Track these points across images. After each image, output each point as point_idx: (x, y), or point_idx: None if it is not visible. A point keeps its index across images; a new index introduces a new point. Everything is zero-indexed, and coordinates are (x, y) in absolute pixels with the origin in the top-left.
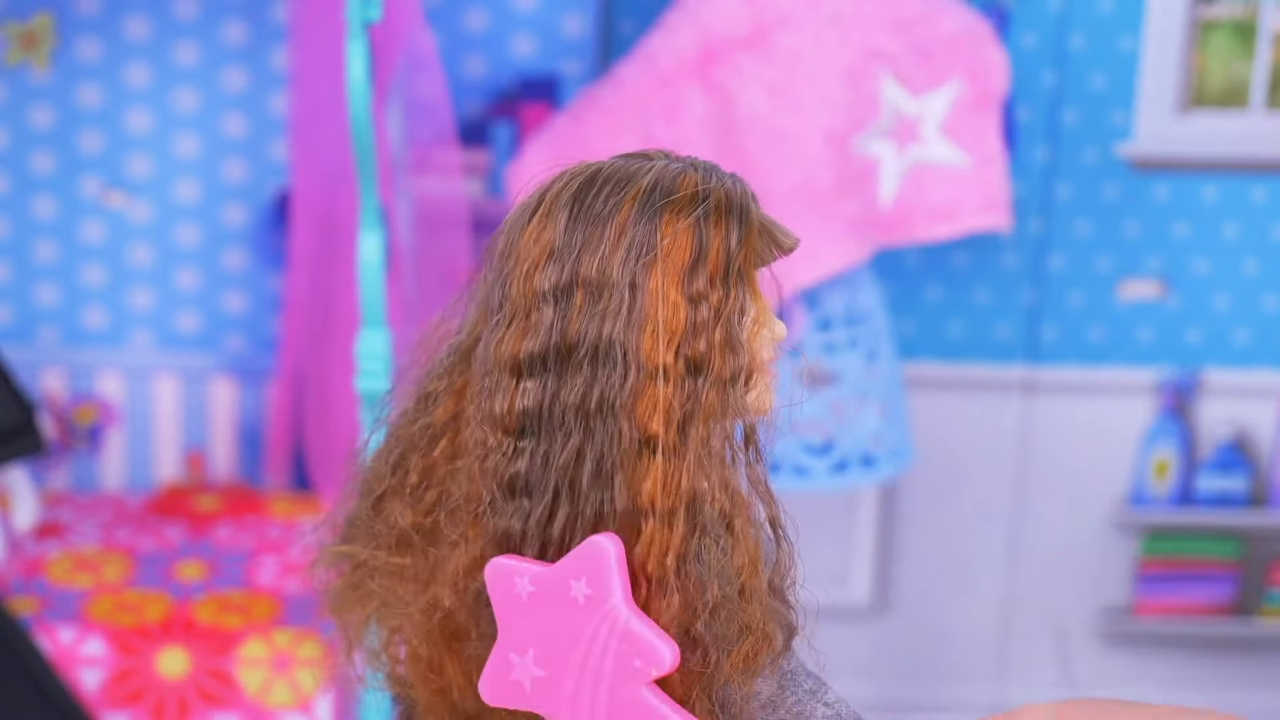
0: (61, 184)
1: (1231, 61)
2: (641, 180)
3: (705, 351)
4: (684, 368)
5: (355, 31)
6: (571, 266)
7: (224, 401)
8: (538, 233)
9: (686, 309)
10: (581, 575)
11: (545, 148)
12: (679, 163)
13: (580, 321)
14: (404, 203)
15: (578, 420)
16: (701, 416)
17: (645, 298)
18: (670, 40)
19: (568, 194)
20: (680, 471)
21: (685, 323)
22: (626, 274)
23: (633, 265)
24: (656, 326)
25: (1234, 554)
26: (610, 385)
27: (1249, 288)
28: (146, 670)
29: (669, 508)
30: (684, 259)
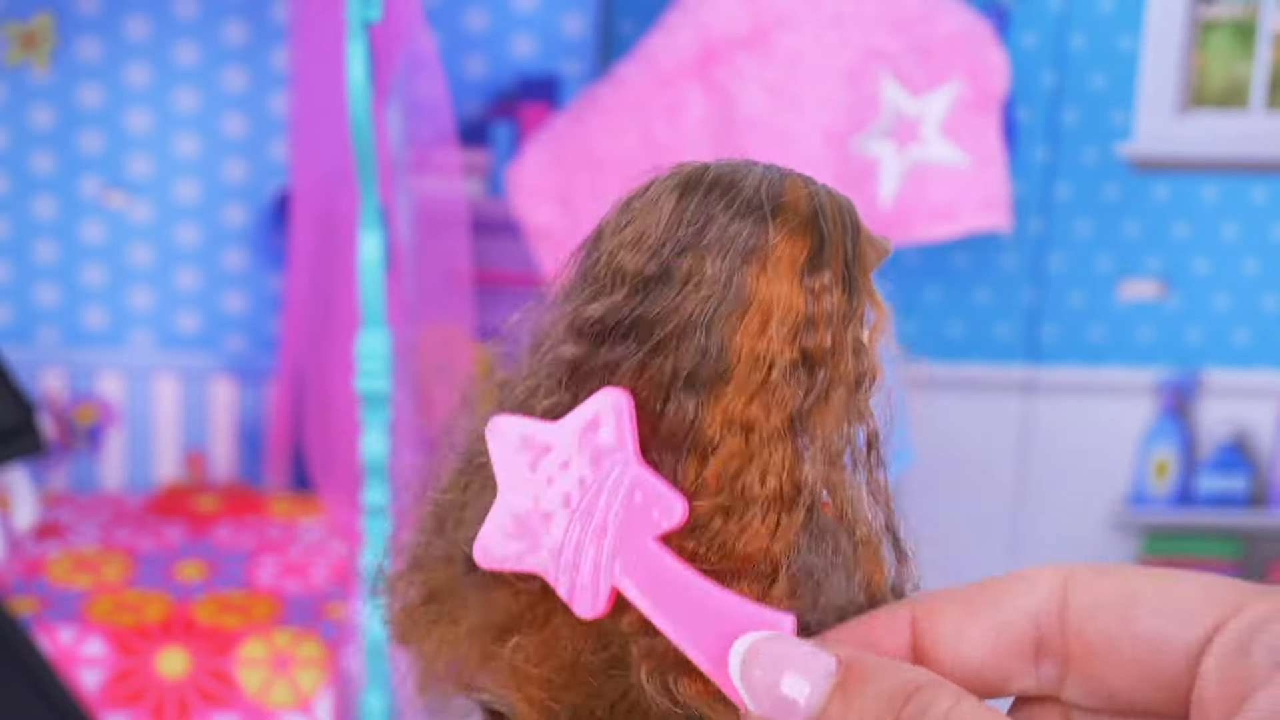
0: (61, 184)
1: (1231, 61)
2: (746, 183)
3: (827, 347)
4: (799, 358)
5: (355, 31)
6: (665, 258)
7: (224, 401)
8: (630, 222)
9: (804, 300)
10: (594, 425)
11: (545, 148)
12: (777, 169)
13: (665, 301)
14: (404, 203)
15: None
16: (819, 413)
17: (752, 284)
18: (670, 40)
19: (669, 188)
20: (785, 461)
21: (802, 313)
22: (727, 267)
23: (736, 262)
24: (767, 312)
25: (1234, 554)
26: (686, 364)
27: (1249, 288)
28: (146, 670)
29: (774, 494)
30: (799, 256)
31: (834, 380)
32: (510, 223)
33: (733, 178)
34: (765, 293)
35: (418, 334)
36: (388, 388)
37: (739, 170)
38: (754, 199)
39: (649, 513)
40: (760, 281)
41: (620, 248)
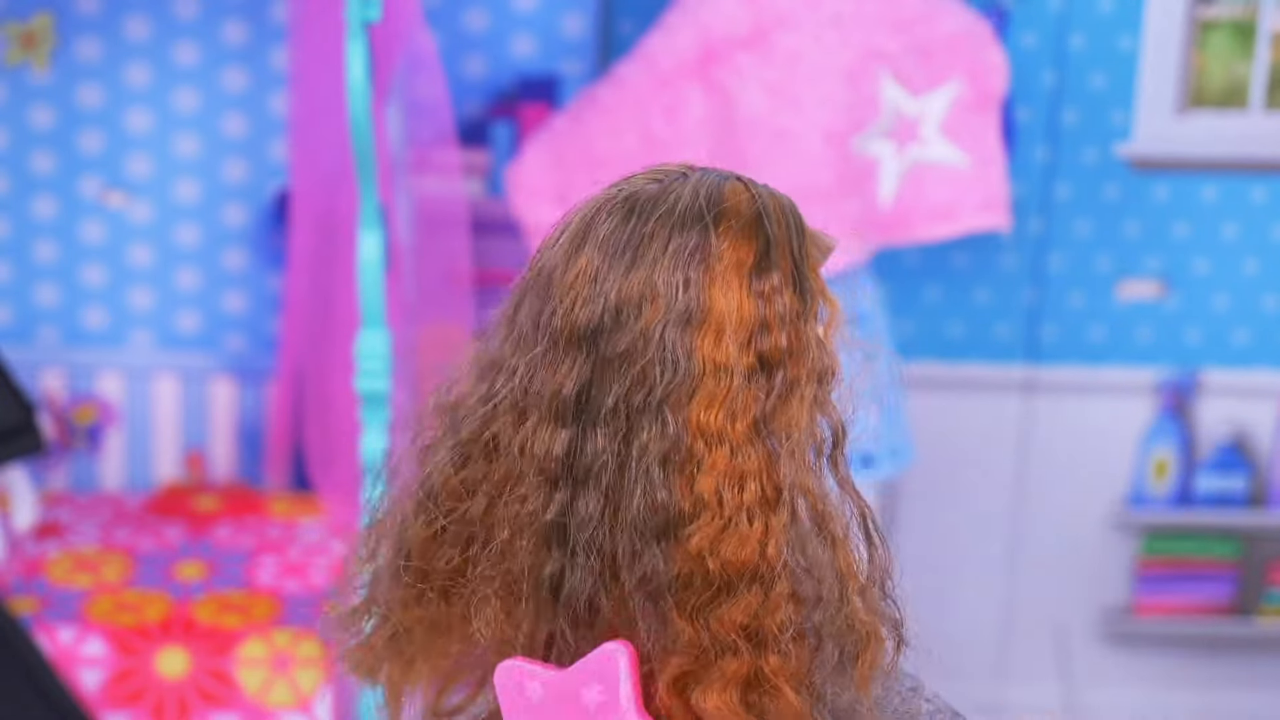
0: (61, 184)
1: (1231, 61)
2: (683, 195)
3: (783, 347)
4: (755, 362)
5: (355, 31)
6: (616, 292)
7: (224, 401)
8: (576, 263)
9: (755, 305)
10: (593, 681)
11: (545, 148)
12: (714, 174)
13: (621, 336)
14: (404, 203)
15: (617, 420)
16: (783, 413)
17: (702, 295)
18: (670, 40)
19: (605, 220)
20: (760, 465)
21: (754, 318)
22: (677, 280)
23: (684, 272)
24: (720, 322)
25: (1233, 554)
26: (655, 383)
27: (1248, 288)
28: (146, 670)
29: (755, 498)
30: (747, 260)
31: (794, 380)
32: (510, 223)
33: (665, 193)
34: (718, 302)
35: (418, 334)
36: (387, 387)
37: (671, 184)
38: (693, 208)
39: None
40: (712, 291)
41: (574, 302)
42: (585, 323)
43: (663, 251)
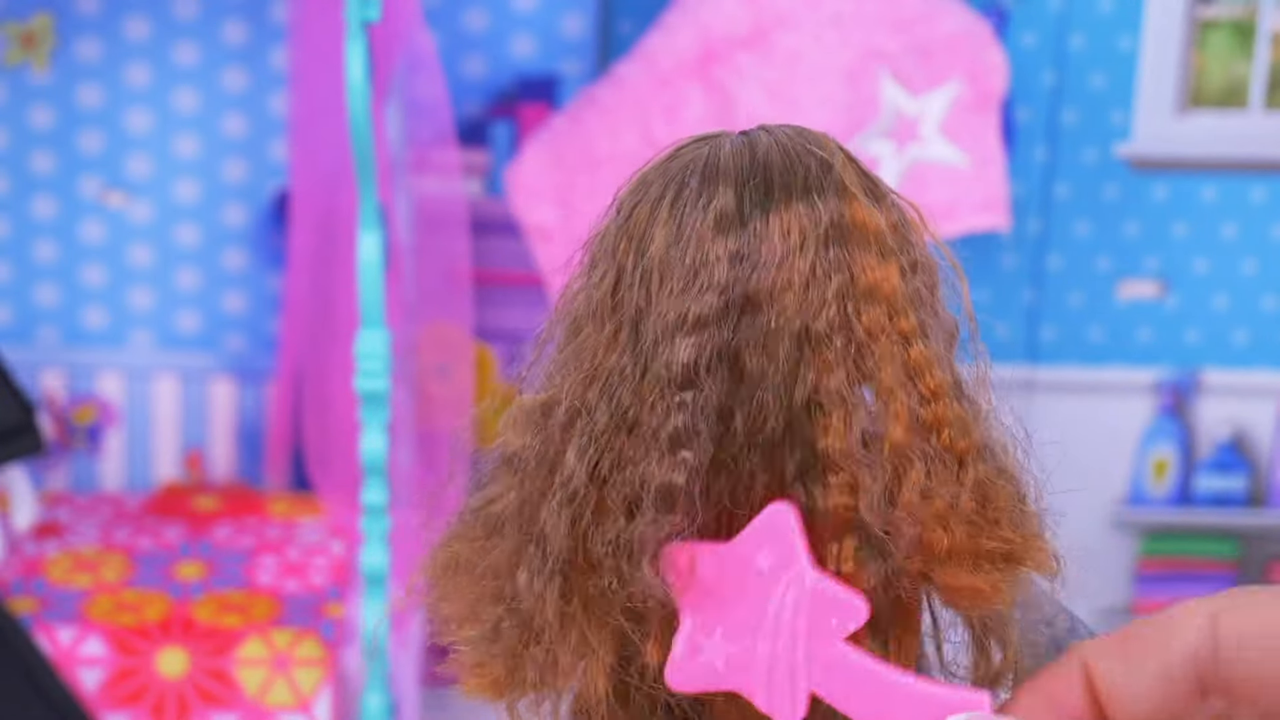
0: (61, 184)
1: (1230, 61)
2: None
3: (913, 262)
4: (908, 270)
5: (355, 31)
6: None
7: (223, 401)
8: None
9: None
10: (763, 545)
11: (545, 148)
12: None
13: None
14: (403, 203)
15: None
16: (929, 364)
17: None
18: (670, 40)
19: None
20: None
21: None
22: (833, 261)
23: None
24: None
25: (1232, 554)
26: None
27: (1248, 288)
28: (146, 670)
29: (978, 444)
30: (881, 223)
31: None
32: (510, 223)
33: (785, 160)
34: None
35: (417, 334)
36: (387, 387)
37: (788, 153)
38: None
39: (829, 620)
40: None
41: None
42: (717, 253)
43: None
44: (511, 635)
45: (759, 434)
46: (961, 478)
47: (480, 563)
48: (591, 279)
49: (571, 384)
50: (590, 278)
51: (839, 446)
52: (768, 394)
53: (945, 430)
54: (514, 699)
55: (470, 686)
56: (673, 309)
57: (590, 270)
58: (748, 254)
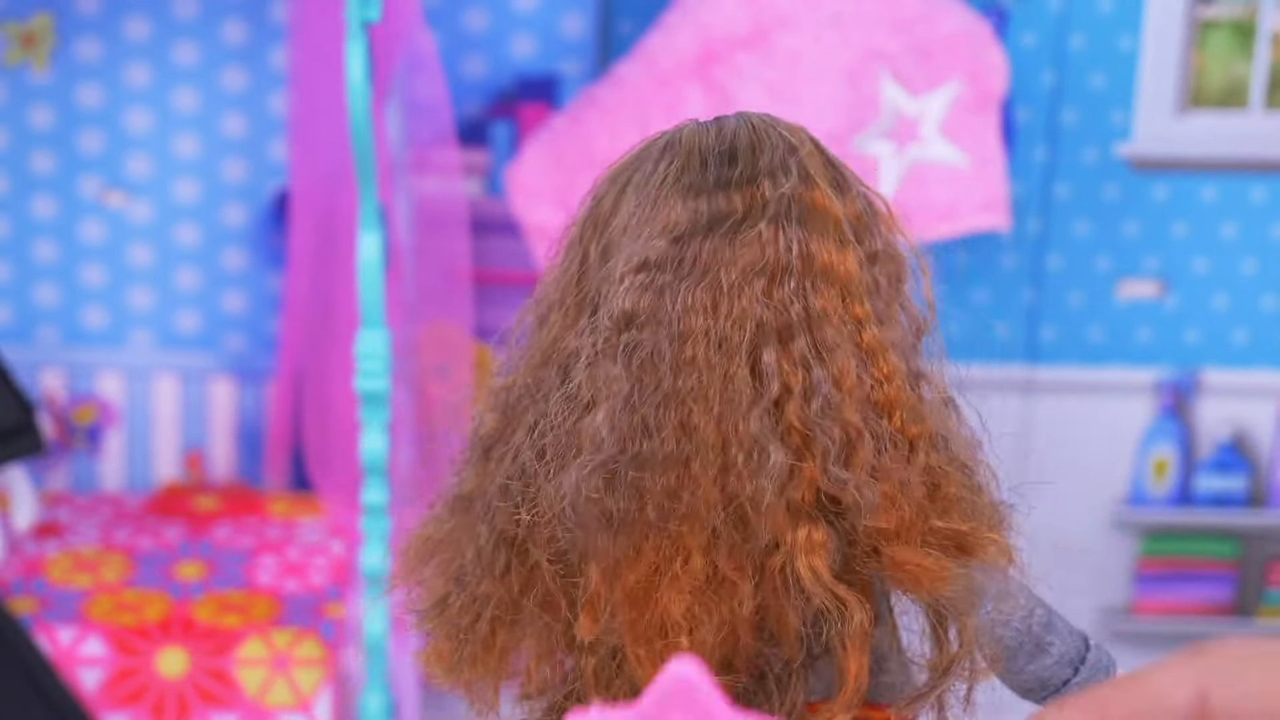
0: (61, 184)
1: (1231, 61)
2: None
3: (874, 252)
4: (866, 259)
5: (355, 31)
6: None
7: (224, 401)
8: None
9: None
10: (676, 709)
11: (545, 148)
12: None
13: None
14: (403, 203)
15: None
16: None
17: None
18: (670, 40)
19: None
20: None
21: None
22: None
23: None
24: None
25: (1232, 554)
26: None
27: (1248, 287)
28: (146, 670)
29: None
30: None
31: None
32: (510, 222)
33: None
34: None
35: (417, 333)
36: (387, 387)
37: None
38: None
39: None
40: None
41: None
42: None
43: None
44: (458, 610)
45: (714, 390)
46: (912, 461)
47: (440, 540)
48: (559, 267)
49: (528, 365)
50: (558, 266)
51: (797, 410)
52: (710, 348)
53: (897, 414)
54: (465, 679)
55: (424, 661)
56: (623, 260)
57: (559, 259)
58: (705, 211)
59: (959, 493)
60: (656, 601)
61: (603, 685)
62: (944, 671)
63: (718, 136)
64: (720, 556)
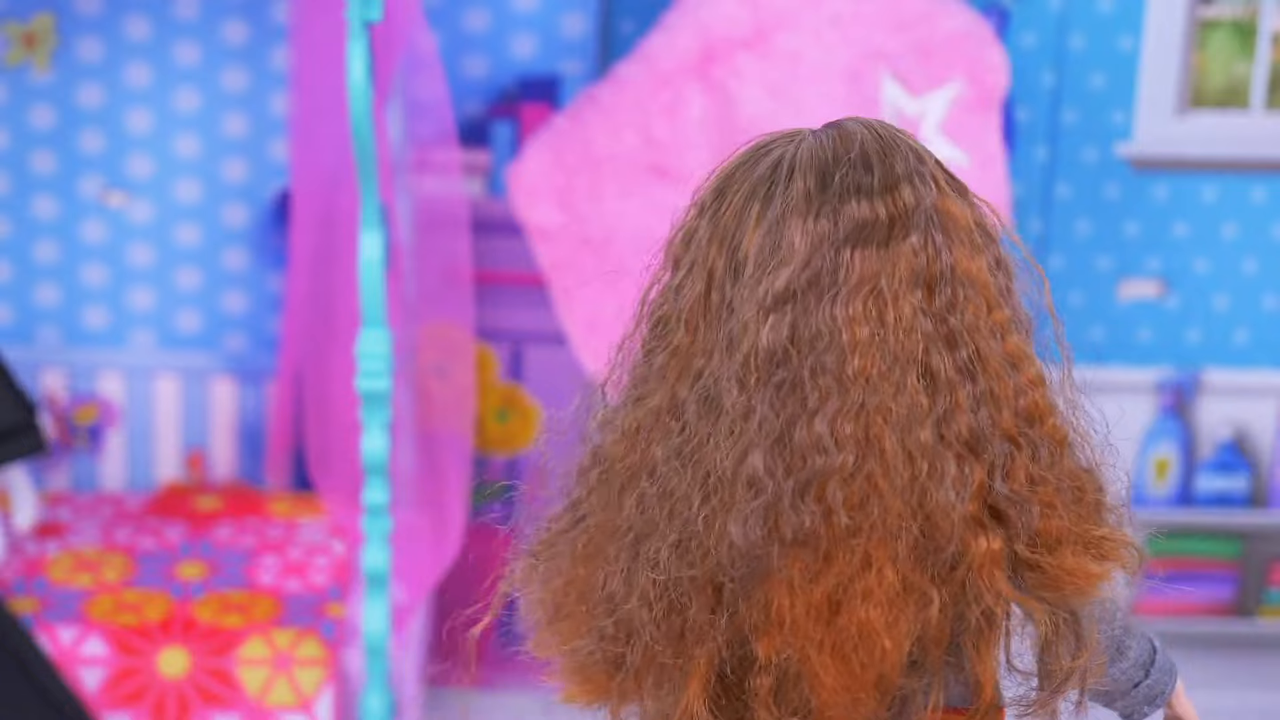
0: (61, 184)
1: (1231, 61)
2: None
3: (998, 258)
4: (994, 262)
5: (355, 31)
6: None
7: (224, 401)
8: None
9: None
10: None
11: (545, 148)
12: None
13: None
14: (404, 203)
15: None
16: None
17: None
18: (670, 40)
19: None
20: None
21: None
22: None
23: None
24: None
25: (1233, 554)
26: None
27: (1248, 287)
28: (147, 670)
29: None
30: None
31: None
32: (510, 222)
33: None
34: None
35: (417, 333)
36: (388, 387)
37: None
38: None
39: None
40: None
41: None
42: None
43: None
44: (615, 644)
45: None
46: (1060, 466)
47: (582, 574)
48: (679, 282)
49: (657, 388)
50: (677, 280)
51: (967, 421)
52: (882, 359)
53: (1047, 420)
54: (614, 707)
55: (571, 694)
56: (761, 289)
57: (676, 273)
58: (849, 220)
59: (1097, 496)
60: (850, 613)
61: (776, 704)
62: (1065, 678)
63: (844, 143)
64: (909, 567)
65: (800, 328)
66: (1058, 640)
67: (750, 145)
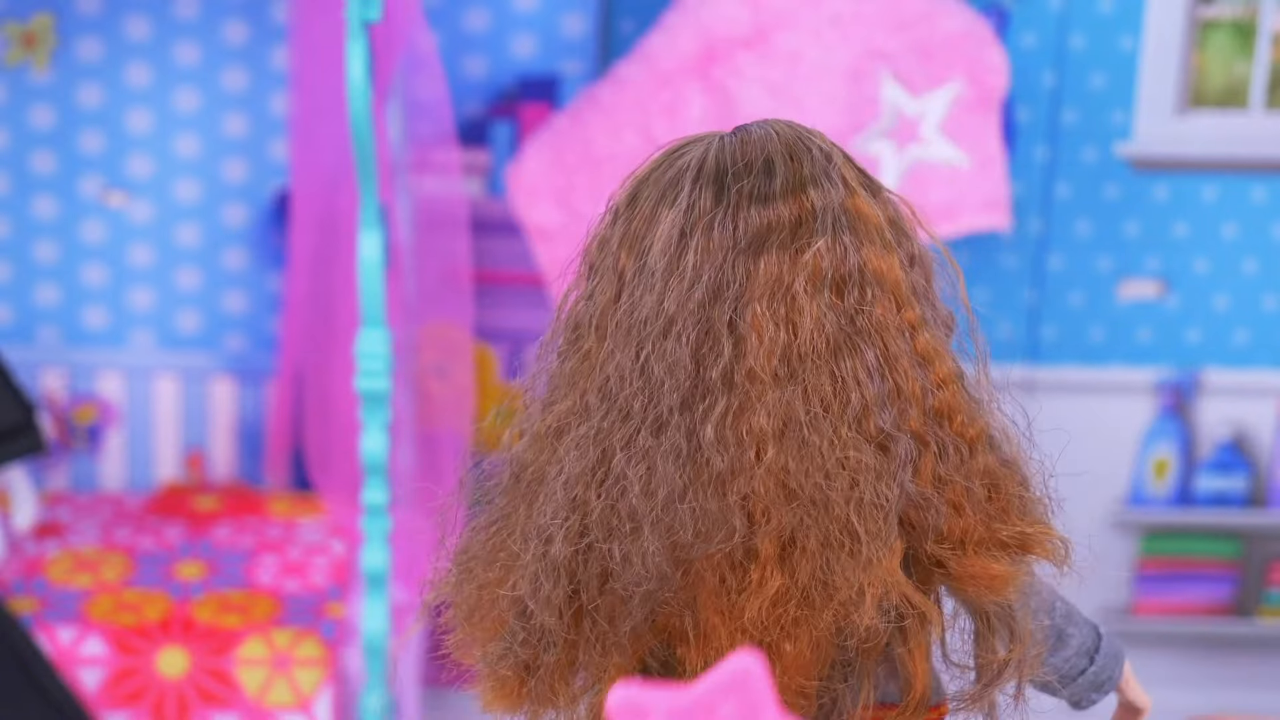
0: (61, 184)
1: (1231, 61)
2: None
3: (911, 255)
4: (908, 262)
5: (355, 31)
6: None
7: (224, 401)
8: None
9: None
10: (729, 697)
11: (545, 148)
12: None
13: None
14: (404, 203)
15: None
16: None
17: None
18: (670, 40)
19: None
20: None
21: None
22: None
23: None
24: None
25: (1233, 554)
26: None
27: (1248, 287)
28: (146, 670)
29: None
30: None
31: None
32: (510, 222)
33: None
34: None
35: (417, 334)
36: (388, 387)
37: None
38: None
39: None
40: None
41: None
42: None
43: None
44: (520, 644)
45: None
46: (972, 465)
47: (492, 577)
48: (592, 288)
49: (568, 393)
50: (590, 286)
51: (875, 422)
52: (792, 361)
53: (956, 418)
54: (530, 712)
55: (487, 699)
56: (670, 299)
57: (590, 279)
58: (755, 225)
59: (1015, 490)
60: (756, 615)
61: None
62: (1000, 671)
63: (750, 148)
64: (808, 568)
65: (705, 333)
66: (990, 633)
67: (664, 150)
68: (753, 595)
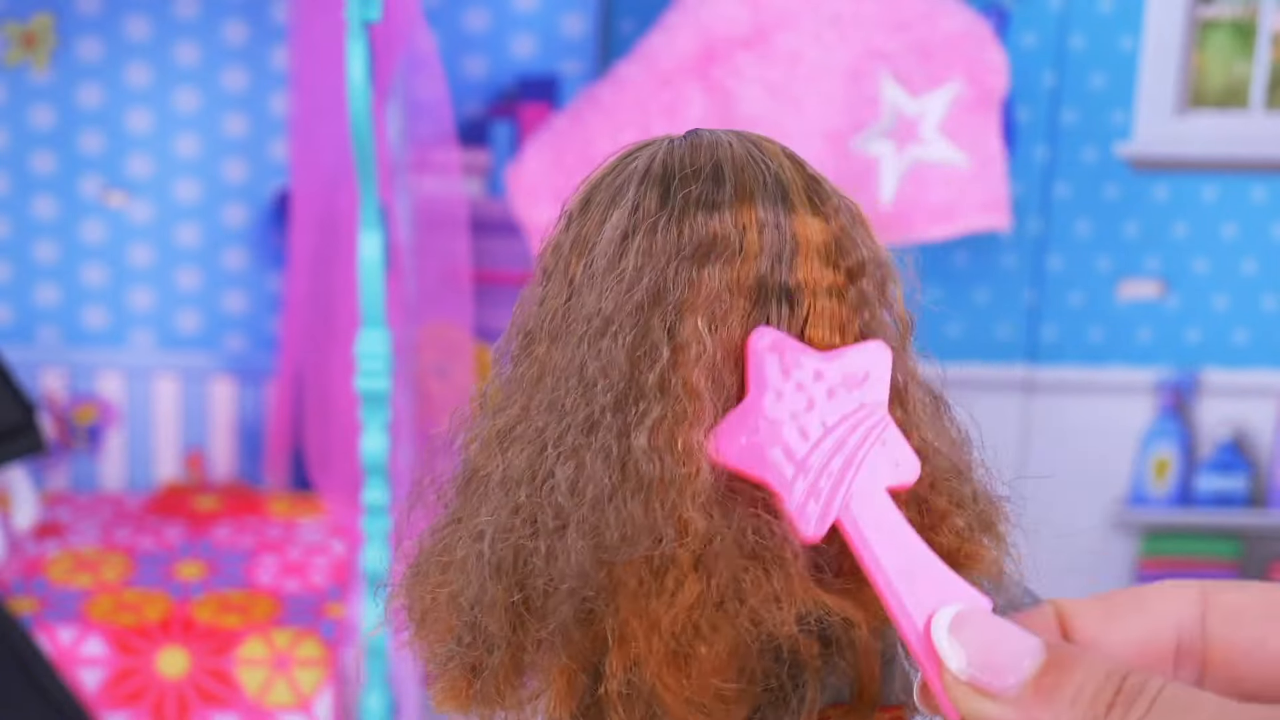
0: (61, 184)
1: (1231, 61)
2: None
3: (859, 264)
4: (846, 279)
5: (355, 31)
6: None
7: (224, 401)
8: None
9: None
10: (866, 369)
11: (545, 148)
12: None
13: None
14: (404, 202)
15: None
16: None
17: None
18: (670, 40)
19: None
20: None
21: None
22: None
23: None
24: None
25: (1233, 554)
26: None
27: (1248, 287)
28: (146, 670)
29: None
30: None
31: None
32: (510, 223)
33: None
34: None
35: (417, 334)
36: (388, 387)
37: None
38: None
39: (892, 464)
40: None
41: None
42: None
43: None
44: (468, 645)
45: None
46: None
47: (441, 579)
48: (544, 292)
49: (526, 401)
50: (542, 291)
51: None
52: (714, 370)
53: None
54: (479, 714)
55: (439, 700)
56: (609, 303)
57: (543, 283)
58: (695, 236)
59: (946, 506)
60: (675, 622)
61: (623, 707)
62: None
63: (695, 152)
64: (725, 573)
65: (643, 335)
66: None
67: (618, 153)
68: (669, 600)
